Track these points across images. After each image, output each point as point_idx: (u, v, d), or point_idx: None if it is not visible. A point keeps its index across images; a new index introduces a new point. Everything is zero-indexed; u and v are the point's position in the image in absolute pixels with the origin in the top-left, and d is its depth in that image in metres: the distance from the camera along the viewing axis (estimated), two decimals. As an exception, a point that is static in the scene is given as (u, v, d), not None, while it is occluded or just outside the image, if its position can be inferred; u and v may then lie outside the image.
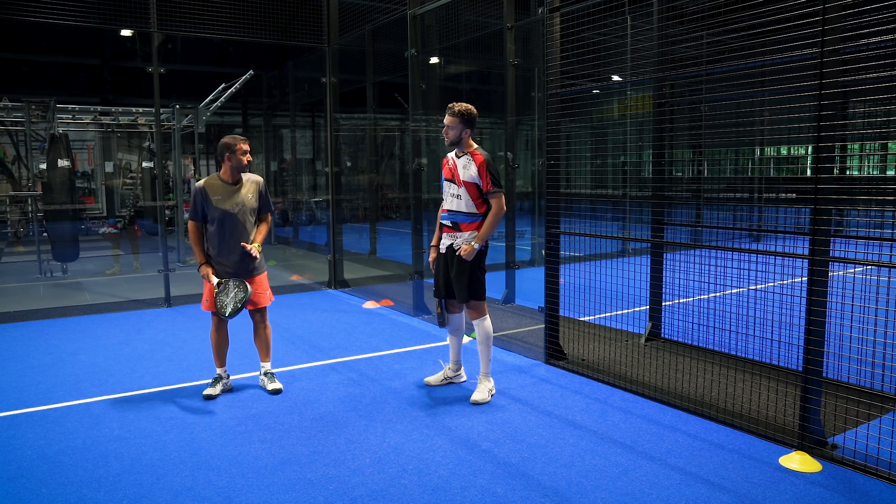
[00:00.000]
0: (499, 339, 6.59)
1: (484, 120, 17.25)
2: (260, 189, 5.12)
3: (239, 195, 5.02)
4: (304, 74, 14.83)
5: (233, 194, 5.01)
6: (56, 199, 9.89)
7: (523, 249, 12.09)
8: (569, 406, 4.85)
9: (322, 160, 18.71)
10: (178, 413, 4.82)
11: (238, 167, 5.01)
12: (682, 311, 6.65)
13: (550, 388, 5.24)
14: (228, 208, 4.97)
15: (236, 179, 5.05)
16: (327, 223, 10.30)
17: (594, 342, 6.14)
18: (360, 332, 7.11)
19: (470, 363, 5.66)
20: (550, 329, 5.89)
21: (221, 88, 12.19)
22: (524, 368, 5.78)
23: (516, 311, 7.98)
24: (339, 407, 4.88)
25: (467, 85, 16.18)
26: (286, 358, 6.15)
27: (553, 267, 5.81)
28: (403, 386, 5.33)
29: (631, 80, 6.32)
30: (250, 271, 5.11)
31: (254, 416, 4.74)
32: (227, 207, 4.97)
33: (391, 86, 14.02)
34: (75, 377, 5.68)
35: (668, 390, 5.02)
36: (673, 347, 5.98)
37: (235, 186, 5.04)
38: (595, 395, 5.07)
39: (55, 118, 10.70)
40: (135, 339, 6.91)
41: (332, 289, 9.78)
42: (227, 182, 5.04)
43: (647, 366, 5.57)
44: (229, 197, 4.99)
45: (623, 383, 5.24)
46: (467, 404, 4.90)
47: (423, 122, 8.13)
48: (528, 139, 14.16)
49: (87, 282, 10.30)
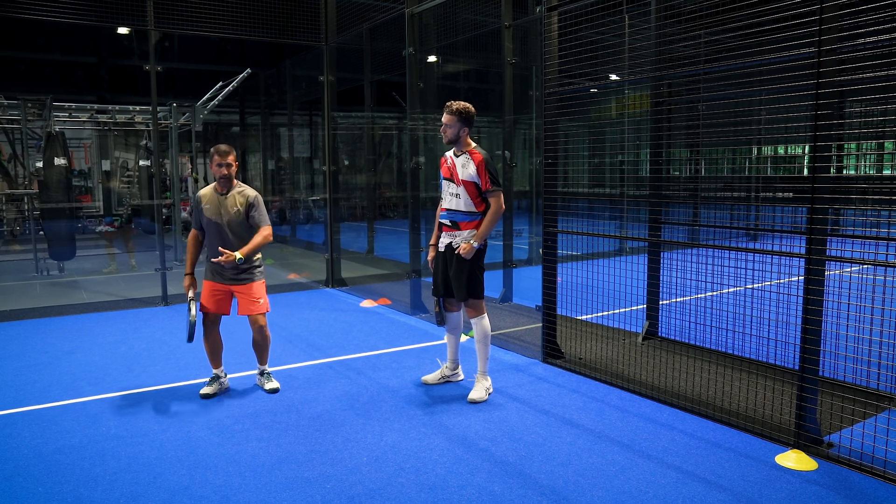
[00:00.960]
0: (496, 338, 6.59)
1: (482, 119, 17.25)
2: (249, 201, 5.05)
3: (225, 206, 5.02)
4: (301, 73, 14.81)
5: (219, 204, 5.03)
6: (52, 198, 9.88)
7: (521, 248, 12.09)
8: (566, 404, 4.86)
9: (320, 159, 18.71)
10: (176, 412, 4.81)
11: (215, 177, 5.03)
12: (679, 310, 6.66)
13: (548, 387, 5.25)
14: (213, 217, 5.02)
15: (225, 189, 5.07)
16: (325, 222, 10.30)
17: (591, 341, 6.14)
18: (358, 331, 7.11)
19: (467, 362, 5.66)
20: (548, 328, 5.90)
21: (219, 87, 12.17)
22: (521, 367, 5.78)
23: (514, 309, 7.98)
24: (337, 406, 4.88)
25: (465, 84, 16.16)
26: (283, 357, 6.15)
27: (551, 266, 5.82)
28: (401, 384, 5.33)
29: (628, 80, 6.32)
30: (240, 279, 5.09)
31: (251, 414, 4.74)
32: (211, 216, 5.02)
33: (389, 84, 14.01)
34: (72, 376, 5.67)
35: (665, 389, 5.03)
36: (670, 346, 5.99)
37: (223, 196, 5.05)
38: (592, 394, 5.08)
39: (51, 116, 10.68)
40: (132, 338, 6.91)
41: (329, 287, 9.78)
42: (219, 192, 5.08)
43: (644, 365, 5.58)
44: (216, 206, 5.03)
45: (620, 382, 5.25)
46: (465, 403, 4.90)
47: (421, 120, 8.13)
48: (526, 138, 14.17)
49: (83, 280, 10.29)
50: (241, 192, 5.09)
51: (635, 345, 6.17)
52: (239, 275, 5.09)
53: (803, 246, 3.98)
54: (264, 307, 5.19)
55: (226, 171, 4.99)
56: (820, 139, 3.83)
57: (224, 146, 5.03)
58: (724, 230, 11.31)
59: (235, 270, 5.07)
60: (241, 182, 5.18)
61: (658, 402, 4.88)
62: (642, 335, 6.29)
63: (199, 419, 4.65)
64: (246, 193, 5.09)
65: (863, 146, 8.46)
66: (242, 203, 5.05)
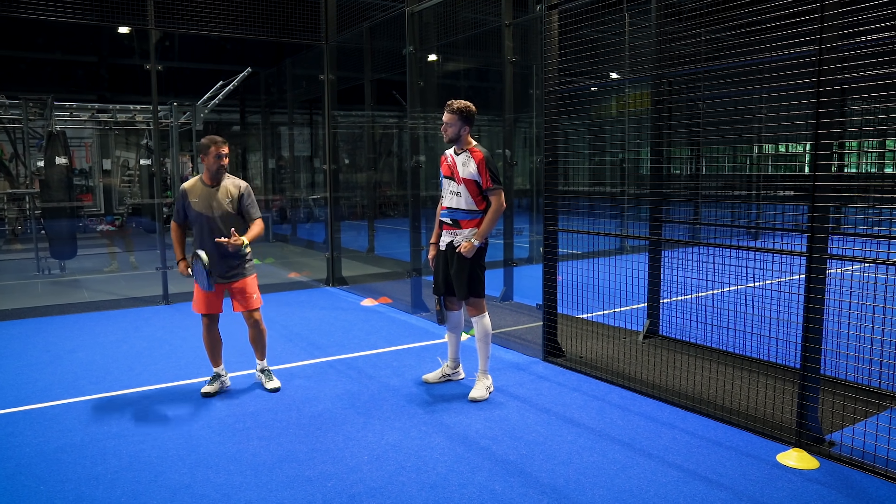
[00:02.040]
0: (497, 337, 6.59)
1: (482, 117, 17.21)
2: (241, 193, 5.01)
3: (216, 198, 4.95)
4: (302, 72, 14.80)
5: (210, 197, 4.95)
6: (54, 197, 9.88)
7: (521, 247, 12.09)
8: (567, 403, 4.85)
9: (320, 157, 18.70)
10: (177, 411, 4.81)
11: (211, 169, 4.95)
12: (680, 309, 6.66)
13: (548, 386, 5.24)
14: (203, 211, 4.94)
15: (215, 182, 4.99)
16: (325, 220, 10.30)
17: (592, 339, 6.14)
18: (359, 330, 7.11)
19: (468, 360, 5.66)
20: (548, 326, 5.90)
21: (219, 86, 12.17)
22: (522, 366, 5.78)
23: (514, 308, 7.98)
24: (338, 404, 4.88)
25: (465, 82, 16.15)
26: (284, 355, 6.15)
27: (551, 264, 5.81)
28: (402, 383, 5.33)
29: (629, 78, 6.31)
30: (234, 274, 5.04)
31: (252, 413, 4.74)
32: (201, 210, 4.94)
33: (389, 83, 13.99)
34: (73, 375, 5.67)
35: (666, 387, 5.02)
36: (671, 345, 5.98)
37: (213, 189, 4.98)
38: (593, 393, 5.07)
39: (52, 115, 10.68)
40: (133, 337, 6.91)
41: (330, 286, 9.78)
42: (207, 184, 5.00)
43: (645, 363, 5.58)
44: (206, 199, 4.95)
45: (621, 380, 5.24)
46: (466, 402, 4.90)
47: (421, 119, 8.12)
48: (527, 136, 14.16)
49: (84, 279, 10.30)
50: (233, 182, 5.04)
51: (636, 343, 6.17)
52: (230, 271, 5.03)
53: (804, 244, 3.97)
54: (258, 301, 5.18)
55: (224, 162, 4.97)
56: (821, 137, 3.82)
57: (220, 137, 5.00)
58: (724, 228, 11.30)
59: (226, 267, 5.01)
60: None
61: (659, 400, 4.87)
62: (643, 334, 6.29)
63: (200, 418, 4.66)
64: (235, 183, 5.04)
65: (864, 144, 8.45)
66: (234, 194, 4.99)
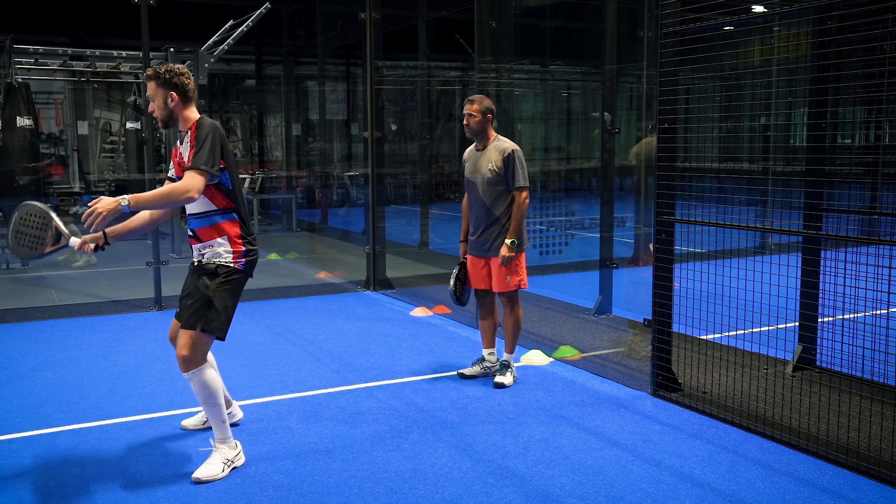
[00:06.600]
0: (589, 361, 6.55)
1: (574, 70, 17.13)
2: (504, 156, 5.87)
3: (480, 162, 5.99)
4: (336, 9, 14.97)
5: (476, 161, 6.05)
6: (13, 168, 10.12)
7: (624, 243, 11.93)
8: (684, 454, 4.79)
9: (359, 122, 18.89)
10: (170, 448, 4.89)
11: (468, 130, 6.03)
12: (846, 332, 6.44)
13: (659, 430, 5.19)
14: (469, 176, 6.10)
15: (481, 146, 6.07)
16: (365, 205, 10.37)
17: (720, 369, 6.04)
18: (408, 348, 7.14)
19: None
20: (660, 350, 5.85)
21: (229, 27, 12.35)
22: (624, 401, 5.73)
23: (613, 324, 7.90)
24: (379, 447, 4.88)
25: (551, 23, 16.02)
26: (309, 379, 6.20)
27: (665, 267, 5.75)
28: (461, 419, 5.31)
29: (780, 11, 6.15)
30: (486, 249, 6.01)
31: (266, 457, 4.76)
32: (468, 175, 6.13)
33: (451, 24, 14.03)
34: (37, 399, 5.82)
35: (827, 440, 4.88)
36: (832, 380, 5.82)
37: (480, 153, 6.06)
38: (721, 442, 4.99)
39: (12, 63, 10.92)
40: (115, 352, 7.07)
41: (370, 290, 9.85)
42: (477, 148, 6.13)
43: (795, 404, 5.44)
44: (473, 163, 6.07)
45: (761, 427, 5.15)
46: (544, 447, 4.86)
47: (493, 72, 8.08)
48: (634, 95, 13.98)
49: (53, 276, 10.59)
50: (493, 146, 5.99)
51: (783, 377, 6.06)
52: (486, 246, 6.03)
53: None
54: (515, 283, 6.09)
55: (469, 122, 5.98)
56: None
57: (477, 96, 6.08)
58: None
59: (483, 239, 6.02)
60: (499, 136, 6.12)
61: (816, 457, 4.75)
62: (793, 364, 6.19)
63: (199, 460, 4.69)
64: (500, 147, 5.96)
65: None
66: (497, 158, 5.89)
